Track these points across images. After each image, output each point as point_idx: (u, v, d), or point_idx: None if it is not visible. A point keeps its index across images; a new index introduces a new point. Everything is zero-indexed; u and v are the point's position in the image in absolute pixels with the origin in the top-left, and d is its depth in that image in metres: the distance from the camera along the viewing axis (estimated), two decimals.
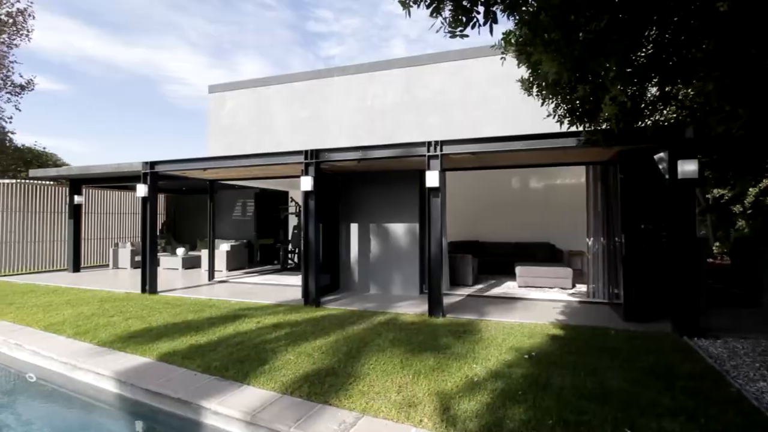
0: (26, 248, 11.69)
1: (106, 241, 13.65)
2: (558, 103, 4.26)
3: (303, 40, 65.73)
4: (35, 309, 6.66)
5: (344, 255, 8.34)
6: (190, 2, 55.41)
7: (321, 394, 3.35)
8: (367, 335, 4.91)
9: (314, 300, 6.71)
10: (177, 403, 3.47)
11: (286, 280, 9.50)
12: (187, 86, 66.79)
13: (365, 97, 11.88)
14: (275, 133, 13.03)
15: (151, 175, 8.18)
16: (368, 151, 6.52)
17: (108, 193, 13.81)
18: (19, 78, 17.89)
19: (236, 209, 13.88)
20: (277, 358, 4.16)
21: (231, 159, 7.65)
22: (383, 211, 8.03)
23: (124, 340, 4.90)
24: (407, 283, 7.79)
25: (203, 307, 6.67)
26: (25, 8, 17.24)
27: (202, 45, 66.42)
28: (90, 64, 56.82)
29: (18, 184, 11.68)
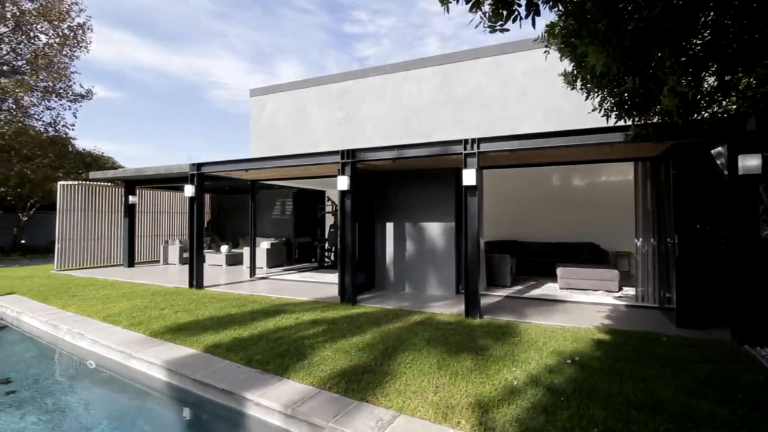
0: (87, 245, 12.65)
1: (157, 239, 14.51)
2: (604, 96, 4.05)
3: (338, 42, 66.64)
4: (95, 301, 7.20)
5: (380, 254, 8.38)
6: (233, 10, 57.71)
7: (358, 390, 3.38)
8: (403, 334, 4.91)
9: (350, 298, 6.79)
10: (221, 394, 3.63)
11: (322, 277, 9.68)
12: (229, 91, 69.62)
13: (400, 95, 11.87)
14: (312, 133, 13.31)
15: (198, 176, 8.60)
16: (403, 150, 6.51)
17: (159, 194, 14.68)
18: (79, 88, 19.38)
19: (275, 208, 14.32)
20: (315, 354, 4.25)
21: (271, 160, 7.90)
22: (419, 210, 7.99)
23: (174, 332, 5.19)
24: (443, 282, 7.72)
25: (245, 302, 6.94)
26: (84, 22, 18.63)
27: (244, 51, 68.97)
28: (142, 72, 60.63)
29: (79, 185, 12.66)
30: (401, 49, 64.14)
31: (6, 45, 17.16)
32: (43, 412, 4.07)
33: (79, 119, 21.61)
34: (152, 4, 50.18)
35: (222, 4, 54.85)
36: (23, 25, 17.17)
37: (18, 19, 16.88)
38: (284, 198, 14.15)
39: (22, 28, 17.24)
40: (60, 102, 18.88)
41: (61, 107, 18.94)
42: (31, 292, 8.20)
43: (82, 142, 31.90)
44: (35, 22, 17.41)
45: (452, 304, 6.67)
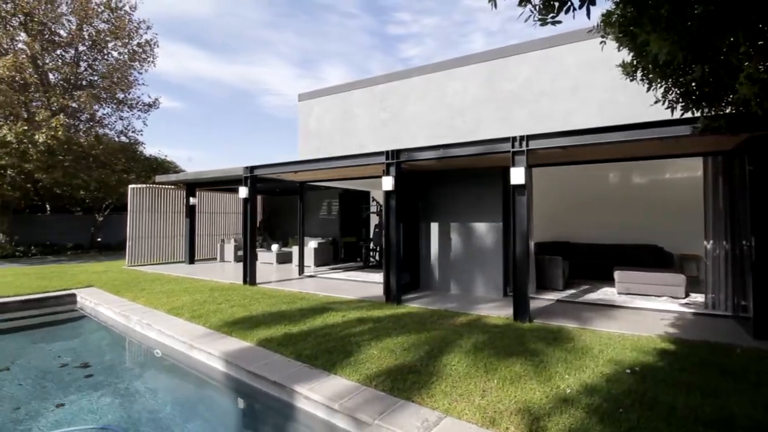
0: (153, 243, 13.75)
1: (214, 237, 15.45)
2: (668, 86, 3.75)
3: (382, 44, 67.11)
4: (160, 295, 7.81)
5: (424, 254, 8.35)
6: (281, 19, 60.03)
7: (403, 390, 3.40)
8: (448, 335, 4.86)
9: (395, 297, 6.83)
10: (273, 386, 3.80)
11: (367, 276, 9.81)
12: (278, 96, 72.55)
13: (445, 94, 11.75)
14: (357, 135, 13.53)
15: (251, 178, 9.06)
16: (448, 150, 6.44)
17: (216, 195, 15.63)
18: (147, 98, 21.10)
19: (322, 209, 14.72)
20: (361, 352, 4.33)
21: (318, 161, 8.13)
22: (464, 210, 7.87)
23: (230, 325, 5.51)
24: (490, 284, 7.54)
25: (295, 299, 7.20)
26: (151, 38, 20.26)
27: (292, 57, 71.53)
28: (200, 82, 64.79)
29: (147, 188, 13.79)
30: (445, 47, 63.36)
31: (84, 62, 19.06)
32: (116, 395, 4.49)
33: (144, 126, 23.82)
34: (207, 17, 53.50)
35: (271, 13, 57.19)
36: (98, 43, 18.98)
37: (94, 39, 18.69)
38: (330, 199, 14.50)
39: (97, 47, 19.07)
40: (131, 112, 20.69)
41: (132, 116, 20.76)
42: (106, 285, 9.06)
43: (149, 148, 34.71)
44: (108, 40, 19.19)
45: (500, 307, 6.50)
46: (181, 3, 47.48)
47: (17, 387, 4.56)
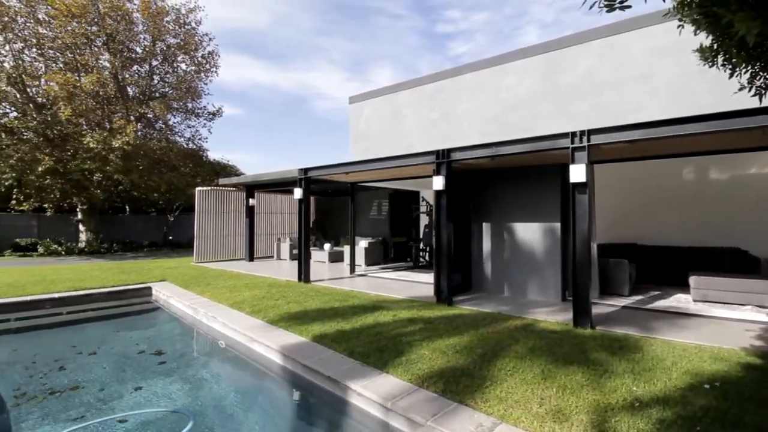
0: (217, 241, 14.73)
1: (270, 236, 16.23)
2: (756, 71, 3.35)
3: (431, 43, 66.54)
4: (224, 289, 8.34)
5: (476, 254, 8.16)
6: (332, 26, 61.64)
7: (456, 393, 3.35)
8: (503, 339, 4.71)
9: (446, 298, 6.75)
10: (327, 381, 3.91)
11: (417, 277, 9.78)
12: (330, 100, 74.64)
13: (498, 90, 11.40)
14: (407, 135, 13.53)
15: (305, 180, 9.39)
16: (501, 147, 6.24)
17: (273, 196, 16.42)
18: (211, 107, 22.64)
19: (372, 209, 14.90)
20: (412, 351, 4.32)
21: (368, 162, 8.25)
22: (519, 210, 7.58)
23: (286, 320, 5.76)
24: (546, 287, 7.20)
25: (347, 297, 7.36)
26: (213, 50, 21.71)
27: (342, 62, 73.23)
28: (258, 90, 68.42)
29: (211, 190, 14.81)
30: (496, 43, 61.46)
31: (156, 76, 20.85)
32: (185, 382, 4.86)
33: (209, 134, 25.81)
34: (263, 28, 56.29)
35: (322, 21, 58.91)
36: (169, 57, 20.68)
37: (164, 53, 20.38)
38: (381, 199, 14.64)
39: (168, 60, 20.78)
40: (197, 120, 22.32)
41: (198, 124, 22.40)
42: (176, 280, 9.85)
43: (213, 153, 37.24)
44: (177, 54, 20.83)
45: (557, 312, 6.18)
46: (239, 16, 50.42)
47: (103, 369, 5.09)
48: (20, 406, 3.98)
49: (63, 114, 16.15)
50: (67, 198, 18.04)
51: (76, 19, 16.82)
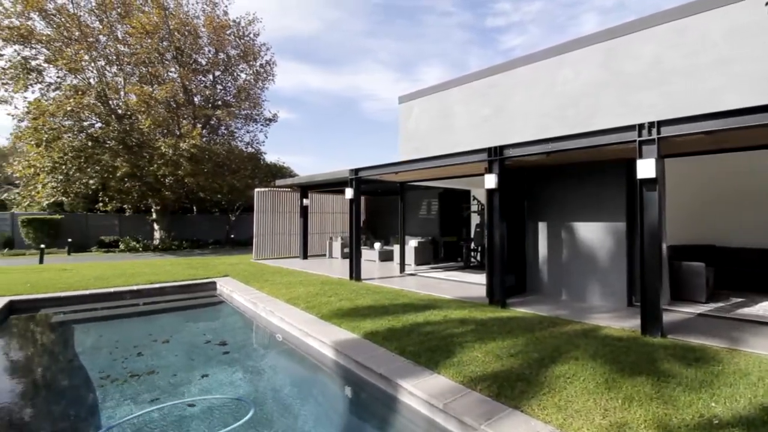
0: (274, 239, 15.47)
1: (323, 235, 16.74)
2: None
3: (481, 38, 64.88)
4: (280, 285, 8.73)
5: (531, 255, 7.83)
6: (380, 27, 62.24)
7: (511, 397, 3.24)
8: (561, 345, 4.49)
9: (499, 300, 6.55)
10: (378, 378, 3.96)
11: (468, 277, 9.59)
12: (379, 101, 75.49)
13: (554, 83, 10.85)
14: (457, 133, 13.30)
15: (356, 180, 9.57)
16: (558, 143, 5.94)
17: (325, 197, 16.93)
18: (268, 113, 23.81)
19: (422, 208, 14.83)
20: (464, 353, 4.25)
21: (418, 162, 8.22)
22: (578, 209, 7.16)
23: (339, 317, 5.91)
24: (610, 291, 6.74)
25: (397, 296, 7.40)
26: (270, 58, 22.81)
27: (391, 63, 73.77)
28: (310, 94, 70.89)
29: (268, 191, 15.57)
30: (551, 33, 58.61)
31: (219, 85, 22.30)
32: (246, 371, 5.16)
33: (266, 138, 27.31)
34: (315, 34, 58.09)
35: (370, 23, 59.65)
36: (230, 67, 22.03)
37: (226, 64, 21.74)
38: (430, 198, 14.53)
39: (228, 70, 22.15)
40: (255, 125, 23.58)
41: (256, 129, 23.68)
42: (238, 275, 10.47)
43: (270, 156, 39.16)
44: (238, 63, 22.14)
45: (622, 318, 5.76)
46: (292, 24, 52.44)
47: (174, 357, 5.55)
48: (105, 387, 4.45)
49: (144, 125, 17.85)
50: (143, 199, 19.89)
51: (149, 36, 18.46)
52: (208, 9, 20.83)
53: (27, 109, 17.29)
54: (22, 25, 16.96)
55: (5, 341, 6.59)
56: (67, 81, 18.40)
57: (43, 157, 16.63)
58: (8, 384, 5.07)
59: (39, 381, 5.19)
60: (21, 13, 16.97)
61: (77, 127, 17.72)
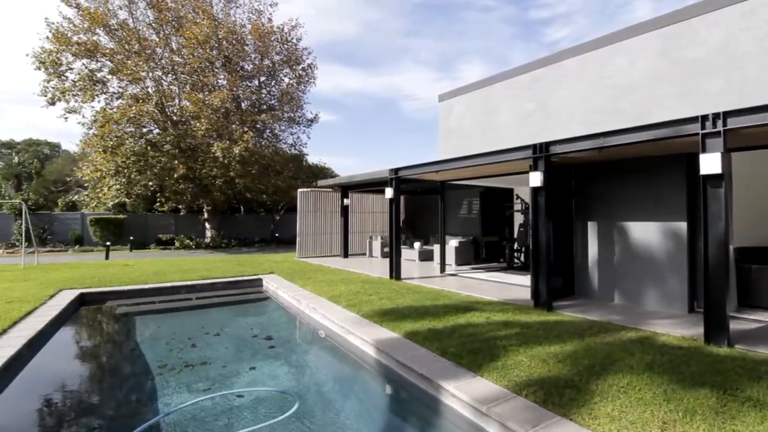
0: (316, 238, 15.85)
1: (363, 234, 16.92)
2: None
3: (524, 31, 62.79)
4: (322, 283, 8.93)
5: (580, 257, 7.47)
6: (420, 26, 62.05)
7: (559, 405, 3.11)
8: (613, 352, 4.24)
9: (545, 303, 6.30)
10: (419, 378, 3.94)
11: (511, 278, 9.31)
12: (418, 101, 75.22)
13: (605, 74, 10.26)
14: (499, 130, 12.95)
15: (396, 180, 9.59)
16: (610, 137, 5.60)
17: (365, 196, 17.11)
18: (309, 114, 24.43)
19: (463, 207, 14.59)
20: (508, 357, 4.13)
21: (459, 160, 8.09)
22: (632, 207, 6.74)
23: (380, 316, 5.94)
24: (669, 296, 6.28)
25: (437, 296, 7.33)
26: (311, 62, 23.37)
27: (430, 61, 73.30)
28: (350, 96, 71.96)
29: (311, 191, 15.98)
30: (600, 22, 55.59)
31: (264, 90, 23.15)
32: (290, 365, 5.32)
33: (308, 139, 28.16)
34: (355, 36, 58.80)
35: (410, 22, 59.51)
36: (274, 72, 22.82)
37: (270, 69, 22.54)
38: (471, 197, 14.26)
39: (273, 75, 22.95)
40: (298, 127, 24.28)
41: (299, 131, 24.38)
42: (282, 273, 10.83)
43: (312, 157, 40.23)
44: (281, 68, 22.88)
45: (682, 324, 5.35)
46: (332, 27, 53.37)
47: (224, 349, 5.83)
48: (163, 375, 4.77)
49: (199, 129, 18.97)
50: (196, 200, 21.11)
51: (201, 46, 19.53)
52: (254, 17, 21.71)
53: (94, 118, 18.89)
54: (89, 41, 18.54)
55: (76, 330, 7.24)
56: (128, 91, 19.91)
57: (108, 162, 18.09)
58: (79, 368, 5.58)
59: (105, 366, 5.66)
60: (88, 29, 18.56)
61: (138, 133, 19.13)
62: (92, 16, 18.17)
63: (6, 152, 40.93)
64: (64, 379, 5.01)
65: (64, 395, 4.56)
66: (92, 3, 18.66)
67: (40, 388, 4.61)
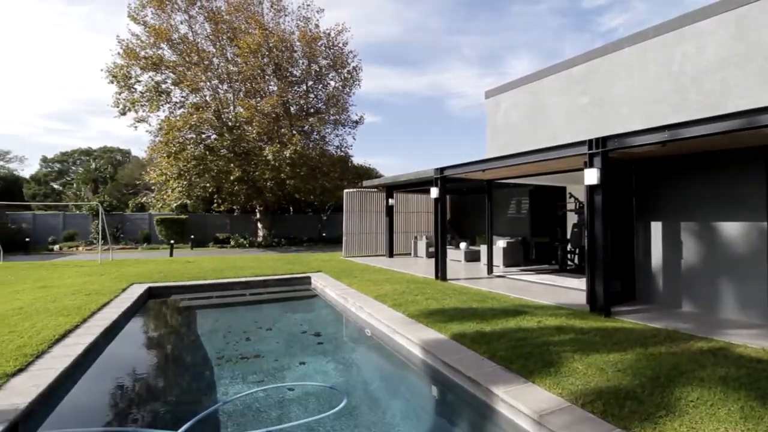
0: (362, 238, 16.08)
1: (408, 234, 16.91)
2: None
3: (576, 22, 59.57)
4: (368, 282, 9.03)
5: (642, 259, 6.96)
6: (463, 24, 60.90)
7: (620, 417, 2.91)
8: (682, 363, 3.90)
9: (602, 308, 5.93)
10: (467, 381, 3.87)
11: (564, 281, 8.87)
12: (463, 99, 73.91)
13: (670, 62, 9.47)
14: (550, 126, 12.38)
15: (441, 179, 9.49)
16: (677, 130, 5.16)
17: (410, 196, 17.09)
18: (354, 116, 24.80)
19: (511, 207, 14.13)
20: (562, 364, 3.94)
21: (507, 158, 7.84)
22: (702, 205, 6.17)
23: (426, 316, 5.91)
24: (745, 303, 5.68)
25: (485, 298, 7.16)
26: (357, 65, 23.72)
27: (475, 58, 71.75)
28: (394, 97, 72.23)
29: (356, 192, 16.23)
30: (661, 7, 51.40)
31: (311, 94, 23.83)
32: (338, 362, 5.43)
33: (354, 141, 28.58)
34: (398, 37, 58.90)
35: (453, 20, 58.59)
36: (321, 77, 23.43)
37: (317, 73, 23.16)
38: (520, 196, 13.77)
39: (319, 79, 23.56)
40: (344, 129, 24.75)
41: (344, 133, 24.83)
42: (329, 271, 11.10)
43: (357, 158, 40.90)
44: (328, 72, 23.44)
45: (763, 335, 4.82)
46: (376, 29, 53.88)
47: (276, 344, 6.08)
48: (221, 366, 5.06)
49: (251, 134, 19.98)
50: (249, 201, 22.20)
51: (253, 54, 20.49)
52: (302, 24, 22.41)
53: (159, 126, 20.46)
54: (155, 55, 20.11)
55: (144, 321, 7.88)
56: (189, 100, 21.36)
57: (172, 166, 19.50)
58: (147, 356, 6.06)
59: (170, 355, 6.10)
60: (153, 44, 20.15)
61: (197, 139, 20.46)
62: (157, 32, 19.69)
63: (85, 159, 45.61)
64: (134, 365, 5.47)
65: (134, 380, 4.98)
66: (157, 20, 20.23)
67: (114, 372, 5.07)
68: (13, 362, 4.15)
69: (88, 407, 4.15)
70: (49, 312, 6.32)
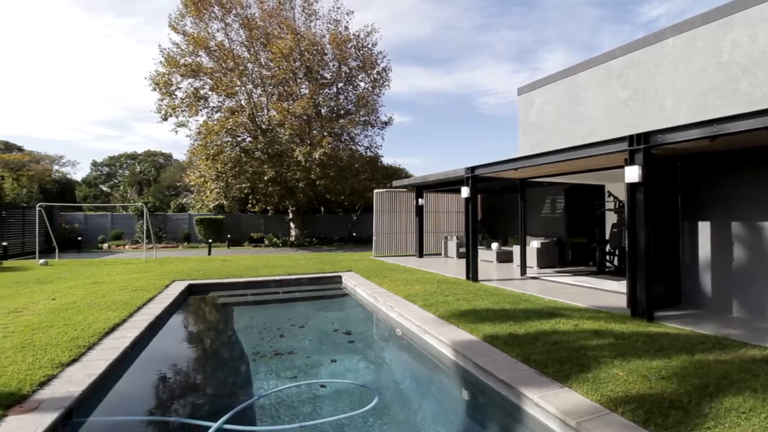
0: (392, 238, 16.12)
1: (437, 234, 16.79)
2: None
3: (614, 13, 56.93)
4: (398, 282, 9.04)
5: (687, 261, 6.58)
6: (494, 20, 59.68)
7: (664, 427, 2.77)
8: (731, 372, 3.66)
9: (644, 312, 5.65)
10: (499, 383, 3.80)
11: (602, 284, 8.52)
12: (494, 96, 72.48)
13: (719, 51, 8.88)
14: (587, 122, 11.92)
15: (472, 179, 9.35)
16: (728, 123, 4.84)
17: (440, 196, 16.96)
18: (384, 117, 24.88)
19: (545, 206, 13.72)
20: (600, 369, 3.79)
21: (541, 156, 7.62)
22: (755, 205, 5.75)
23: (457, 317, 5.85)
24: None
25: (518, 299, 7.00)
26: (386, 66, 23.78)
27: (507, 54, 70.12)
28: (424, 96, 71.84)
29: (386, 192, 16.27)
30: None
31: (342, 95, 24.11)
32: (369, 361, 5.47)
33: (383, 141, 28.70)
34: (429, 36, 58.50)
35: (484, 16, 57.50)
36: (351, 78, 23.66)
37: (347, 75, 23.41)
38: (554, 195, 13.35)
39: (349, 81, 23.80)
40: (373, 130, 24.89)
41: (374, 133, 24.97)
42: (360, 271, 11.20)
43: (386, 159, 41.02)
44: (357, 74, 23.65)
45: None
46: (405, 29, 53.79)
47: (308, 341, 6.20)
48: (256, 361, 5.22)
49: (284, 136, 20.52)
50: (282, 201, 22.77)
51: (286, 59, 20.99)
52: (332, 27, 22.74)
53: (198, 130, 21.37)
54: (193, 62, 21.04)
55: (185, 316, 8.25)
56: (225, 104, 22.19)
57: (210, 168, 20.32)
58: (187, 350, 6.35)
59: (209, 350, 6.36)
60: (192, 51, 21.09)
61: (234, 142, 21.21)
62: (195, 40, 20.58)
63: (130, 162, 48.33)
64: (175, 359, 5.75)
65: (175, 373, 5.23)
66: (195, 28, 21.14)
67: (156, 365, 5.35)
68: (68, 353, 4.47)
69: (133, 397, 4.40)
70: (99, 306, 6.75)
